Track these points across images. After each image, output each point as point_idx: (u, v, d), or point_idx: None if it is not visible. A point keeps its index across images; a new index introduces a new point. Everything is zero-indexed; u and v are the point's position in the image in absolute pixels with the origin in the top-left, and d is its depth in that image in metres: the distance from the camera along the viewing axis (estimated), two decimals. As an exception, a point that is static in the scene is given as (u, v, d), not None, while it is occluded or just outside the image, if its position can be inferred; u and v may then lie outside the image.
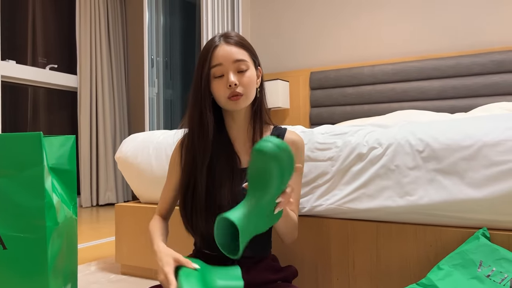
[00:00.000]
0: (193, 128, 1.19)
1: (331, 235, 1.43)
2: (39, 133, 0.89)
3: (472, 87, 3.11)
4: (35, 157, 0.88)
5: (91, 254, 2.31)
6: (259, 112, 1.25)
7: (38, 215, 0.88)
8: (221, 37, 1.17)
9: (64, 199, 1.01)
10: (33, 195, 0.88)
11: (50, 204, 0.91)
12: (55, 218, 0.93)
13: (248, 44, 1.21)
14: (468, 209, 1.24)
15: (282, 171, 0.94)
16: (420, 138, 1.34)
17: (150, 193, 1.90)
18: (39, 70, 3.98)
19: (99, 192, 4.29)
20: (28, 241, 0.88)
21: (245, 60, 1.16)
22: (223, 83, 1.14)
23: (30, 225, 0.88)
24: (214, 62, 1.14)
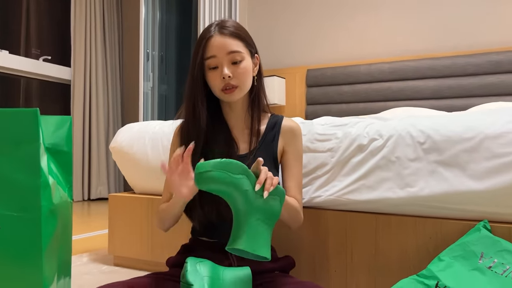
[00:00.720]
0: (188, 117, 1.20)
1: (329, 226, 1.41)
2: (35, 109, 0.86)
3: (468, 87, 3.12)
4: (31, 133, 0.85)
5: (83, 246, 2.27)
6: (257, 100, 1.25)
7: (33, 193, 0.85)
8: (216, 26, 1.16)
9: (59, 181, 0.98)
10: (29, 173, 0.85)
11: (45, 183, 0.88)
12: (50, 198, 0.90)
13: (244, 33, 1.19)
14: (469, 201, 1.23)
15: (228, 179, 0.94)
16: (421, 130, 1.33)
17: (145, 183, 1.87)
18: (32, 61, 3.92)
19: (91, 186, 4.24)
20: (22, 221, 0.85)
21: (239, 52, 1.15)
22: (217, 74, 1.14)
23: (24, 204, 0.85)
24: (208, 54, 1.14)
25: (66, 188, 1.02)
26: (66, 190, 1.02)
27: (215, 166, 0.93)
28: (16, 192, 0.85)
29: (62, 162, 1.01)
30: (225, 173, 0.93)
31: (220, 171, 0.93)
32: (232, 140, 1.21)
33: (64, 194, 1.01)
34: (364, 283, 1.35)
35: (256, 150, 1.20)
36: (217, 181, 0.93)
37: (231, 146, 1.20)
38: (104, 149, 4.34)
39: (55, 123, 1.00)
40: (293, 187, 1.24)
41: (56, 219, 0.93)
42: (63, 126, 1.02)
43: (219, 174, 0.93)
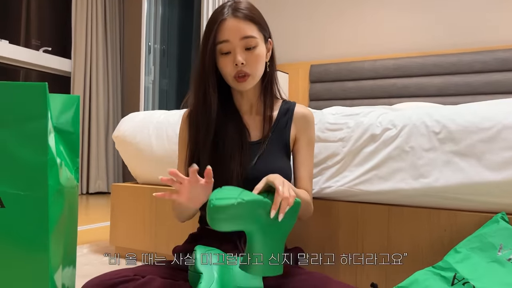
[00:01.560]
0: (197, 105, 1.14)
1: (340, 218, 1.38)
2: (44, 84, 0.82)
3: (474, 84, 3.09)
4: (39, 109, 0.81)
5: (83, 238, 2.22)
6: (270, 86, 1.21)
7: (40, 171, 0.81)
8: (229, 8, 1.09)
9: (66, 163, 0.94)
10: (35, 150, 0.81)
11: (53, 161, 0.84)
12: (57, 178, 0.86)
13: (258, 16, 1.14)
14: (486, 192, 1.20)
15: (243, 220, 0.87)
16: (436, 119, 1.29)
17: (148, 173, 1.83)
18: (33, 52, 3.87)
19: (90, 180, 4.19)
20: (29, 199, 0.81)
21: (254, 37, 1.09)
22: (230, 60, 1.09)
23: (31, 182, 0.81)
24: (220, 38, 1.08)
25: (72, 170, 0.98)
26: (72, 172, 0.98)
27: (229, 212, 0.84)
28: (22, 170, 0.81)
29: (69, 143, 0.97)
30: (239, 216, 0.86)
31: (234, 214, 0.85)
32: (244, 128, 1.17)
33: (71, 176, 0.97)
34: (375, 276, 1.31)
35: (268, 137, 1.17)
36: (232, 223, 0.86)
37: (243, 133, 1.16)
38: (104, 142, 4.29)
39: (63, 102, 0.97)
40: (304, 177, 1.20)
41: (63, 200, 0.89)
42: (71, 105, 0.98)
43: (233, 216, 0.85)
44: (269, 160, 1.14)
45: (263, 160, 1.13)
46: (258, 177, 1.02)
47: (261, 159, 1.13)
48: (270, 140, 1.17)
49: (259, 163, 1.13)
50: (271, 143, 1.17)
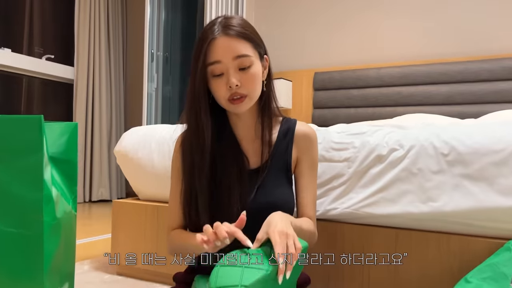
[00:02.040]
0: (190, 131, 1.06)
1: (345, 241, 1.34)
2: (39, 116, 0.79)
3: (480, 93, 3.04)
4: (34, 143, 0.78)
5: (84, 252, 2.20)
6: (267, 106, 1.12)
7: (35, 208, 0.78)
8: (220, 25, 1.01)
9: (63, 192, 0.91)
10: (31, 186, 0.78)
11: (48, 197, 0.81)
12: (53, 213, 0.83)
13: (251, 32, 1.05)
14: (497, 218, 1.16)
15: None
16: (445, 140, 1.25)
17: (150, 190, 1.80)
18: (35, 60, 3.86)
19: (92, 187, 4.17)
20: (23, 238, 0.78)
21: (248, 55, 1.01)
22: (223, 82, 1.00)
23: (26, 219, 0.78)
24: (211, 59, 0.99)
25: (70, 200, 0.95)
26: (70, 202, 0.95)
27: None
28: (17, 206, 0.78)
29: (67, 172, 0.94)
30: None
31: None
32: (242, 154, 1.09)
33: (68, 206, 0.94)
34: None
35: (267, 164, 1.09)
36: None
37: (241, 161, 1.08)
38: (106, 149, 4.27)
39: (60, 130, 0.93)
40: (307, 203, 1.13)
41: (59, 234, 0.86)
42: (68, 133, 0.95)
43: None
44: (269, 189, 1.07)
45: (262, 191, 1.06)
46: (259, 210, 0.98)
47: (260, 188, 1.06)
48: (270, 166, 1.09)
49: (259, 194, 1.05)
50: (271, 170, 1.09)
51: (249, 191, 1.05)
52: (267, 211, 0.97)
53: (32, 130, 0.78)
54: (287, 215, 0.97)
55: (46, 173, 0.81)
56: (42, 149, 0.79)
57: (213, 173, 1.05)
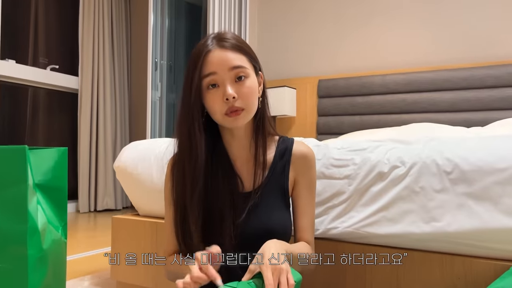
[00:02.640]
0: (182, 153, 1.02)
1: (347, 263, 1.30)
2: (23, 147, 0.77)
3: (486, 100, 2.99)
4: (18, 174, 0.77)
5: (86, 266, 2.18)
6: (262, 125, 1.08)
7: (19, 241, 0.76)
8: (213, 39, 0.99)
9: (51, 221, 0.89)
10: (15, 218, 0.76)
11: (33, 228, 0.79)
12: (39, 245, 0.81)
13: (246, 46, 1.03)
14: (502, 239, 1.12)
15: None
16: (447, 157, 1.21)
17: (149, 206, 1.77)
18: (40, 71, 3.87)
19: (97, 197, 4.17)
20: (6, 272, 0.76)
21: (243, 67, 0.98)
22: (218, 95, 0.97)
23: (9, 253, 0.76)
24: (206, 71, 0.96)
25: (59, 228, 0.93)
26: (59, 230, 0.93)
27: None
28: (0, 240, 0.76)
29: (56, 199, 0.92)
30: None
31: None
32: (235, 176, 1.05)
33: (57, 234, 0.92)
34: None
35: (262, 187, 1.05)
36: None
37: (234, 183, 1.04)
38: (111, 158, 4.27)
39: (48, 156, 0.91)
40: (306, 228, 1.10)
41: (45, 265, 0.84)
42: (57, 159, 0.93)
43: None
44: (265, 214, 1.03)
45: (257, 215, 1.02)
46: (252, 235, 0.95)
47: (255, 213, 1.02)
48: (266, 189, 1.05)
49: (253, 218, 1.01)
50: (267, 192, 1.06)
51: (240, 214, 1.01)
52: (263, 237, 0.94)
53: (15, 161, 0.76)
54: (283, 243, 0.94)
55: (31, 203, 0.79)
56: (26, 180, 0.77)
57: (205, 195, 1.01)
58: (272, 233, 0.97)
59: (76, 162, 4.10)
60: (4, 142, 3.60)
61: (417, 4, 3.42)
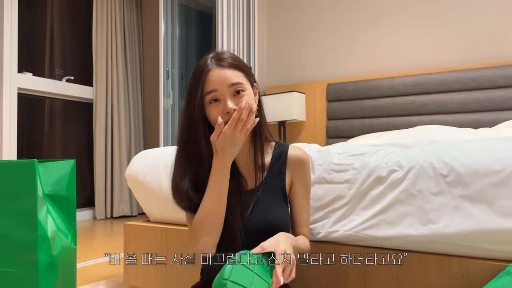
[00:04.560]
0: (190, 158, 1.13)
1: (347, 263, 1.34)
2: (33, 161, 0.83)
3: (496, 100, 2.98)
4: (28, 186, 0.83)
5: (101, 272, 2.25)
6: (259, 131, 1.19)
7: (30, 249, 0.82)
8: (212, 59, 1.11)
9: (61, 228, 0.95)
10: (25, 227, 0.82)
11: (43, 236, 0.85)
12: (49, 251, 0.87)
13: (242, 63, 1.14)
14: (498, 240, 1.14)
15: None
16: (444, 161, 1.24)
17: (159, 212, 1.84)
18: (56, 82, 4.00)
19: (113, 204, 4.27)
20: (18, 277, 0.82)
21: (241, 83, 1.09)
22: (219, 108, 1.08)
23: (21, 259, 0.82)
24: (208, 88, 1.08)
25: (69, 235, 0.99)
26: (69, 237, 0.99)
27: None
28: (12, 247, 0.82)
29: (65, 208, 0.98)
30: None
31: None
32: (240, 176, 1.17)
33: (67, 241, 0.98)
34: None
35: (262, 185, 1.17)
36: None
37: (239, 182, 1.16)
38: (126, 166, 4.36)
39: (57, 168, 0.98)
40: (303, 222, 1.22)
41: (56, 271, 0.90)
42: (65, 170, 1.00)
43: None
44: (265, 209, 1.14)
45: (258, 209, 1.13)
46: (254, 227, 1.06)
47: (256, 208, 1.13)
48: (266, 187, 1.17)
49: (254, 212, 1.12)
50: (267, 191, 1.17)
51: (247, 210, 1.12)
52: (265, 231, 1.06)
53: (25, 174, 0.82)
54: (290, 236, 1.05)
55: (41, 213, 0.85)
56: (36, 192, 0.83)
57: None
58: (273, 226, 1.09)
59: (92, 170, 4.20)
60: (23, 152, 3.73)
61: (424, 5, 3.43)
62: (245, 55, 3.88)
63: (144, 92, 4.79)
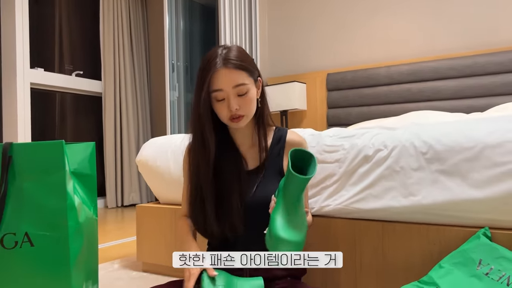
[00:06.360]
0: (197, 146, 1.24)
1: (338, 234, 1.48)
2: (61, 141, 0.98)
3: (489, 86, 3.09)
4: (57, 163, 0.98)
5: (116, 252, 2.42)
6: (262, 119, 1.30)
7: (61, 215, 0.97)
8: (220, 58, 1.18)
9: (85, 201, 1.11)
10: (56, 197, 0.98)
11: (71, 205, 1.00)
12: (76, 218, 1.02)
13: (247, 62, 1.21)
14: (470, 209, 1.28)
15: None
16: (424, 140, 1.38)
17: (169, 194, 1.99)
18: (66, 77, 4.16)
19: (124, 193, 4.44)
20: (53, 239, 0.97)
21: (245, 84, 1.18)
22: (224, 106, 1.19)
23: (54, 224, 0.97)
24: (214, 87, 1.17)
25: (91, 207, 1.14)
26: (91, 209, 1.14)
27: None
28: (46, 214, 0.98)
29: (87, 184, 1.14)
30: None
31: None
32: (241, 158, 1.28)
33: (90, 212, 1.13)
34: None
35: (263, 166, 1.27)
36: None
37: (240, 164, 1.27)
38: (135, 157, 4.51)
39: (80, 149, 1.13)
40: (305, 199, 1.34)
41: (82, 236, 1.06)
42: (87, 151, 1.15)
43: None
44: (267, 187, 1.24)
45: (261, 189, 1.24)
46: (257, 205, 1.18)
47: (259, 187, 1.24)
48: (266, 167, 1.27)
49: (258, 191, 1.24)
50: (267, 171, 1.27)
51: (248, 189, 1.23)
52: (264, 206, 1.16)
53: (55, 153, 0.98)
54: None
55: (69, 186, 1.00)
56: (64, 167, 0.98)
57: (216, 176, 1.24)
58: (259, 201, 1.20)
59: (103, 161, 4.38)
60: (37, 145, 3.90)
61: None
62: (247, 47, 4.01)
63: (150, 85, 4.94)
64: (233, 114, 1.19)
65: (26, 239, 0.97)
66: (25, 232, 0.97)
